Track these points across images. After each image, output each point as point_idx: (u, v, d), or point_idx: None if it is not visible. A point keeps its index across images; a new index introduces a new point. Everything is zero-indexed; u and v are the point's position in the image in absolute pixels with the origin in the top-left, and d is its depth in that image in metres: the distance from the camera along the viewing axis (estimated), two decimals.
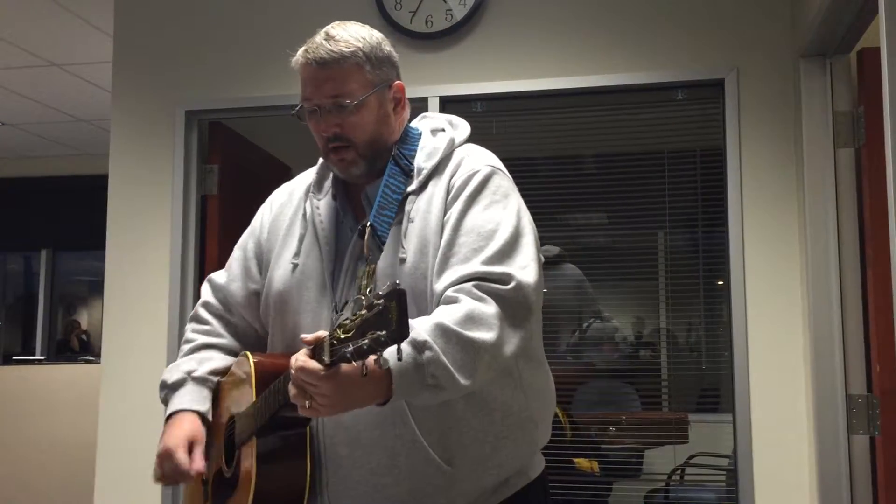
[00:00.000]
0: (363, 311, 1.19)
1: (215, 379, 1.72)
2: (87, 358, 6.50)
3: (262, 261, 1.74)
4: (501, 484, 1.56)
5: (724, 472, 4.30)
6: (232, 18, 3.56)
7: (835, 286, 2.75)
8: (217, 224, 3.59)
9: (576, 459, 3.65)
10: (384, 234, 1.54)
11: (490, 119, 3.41)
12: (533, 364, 1.60)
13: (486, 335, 1.38)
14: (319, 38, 1.59)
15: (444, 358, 1.33)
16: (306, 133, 1.65)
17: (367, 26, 1.65)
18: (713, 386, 5.03)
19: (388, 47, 1.64)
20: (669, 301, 4.37)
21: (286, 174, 4.43)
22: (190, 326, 1.81)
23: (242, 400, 1.59)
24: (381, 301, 1.17)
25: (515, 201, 1.58)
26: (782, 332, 2.99)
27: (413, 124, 1.71)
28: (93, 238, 4.24)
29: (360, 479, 1.51)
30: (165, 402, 1.72)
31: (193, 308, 1.84)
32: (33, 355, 7.34)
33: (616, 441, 3.94)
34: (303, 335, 1.33)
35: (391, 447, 1.49)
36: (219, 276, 1.81)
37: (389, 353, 1.25)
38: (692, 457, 4.71)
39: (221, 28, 3.57)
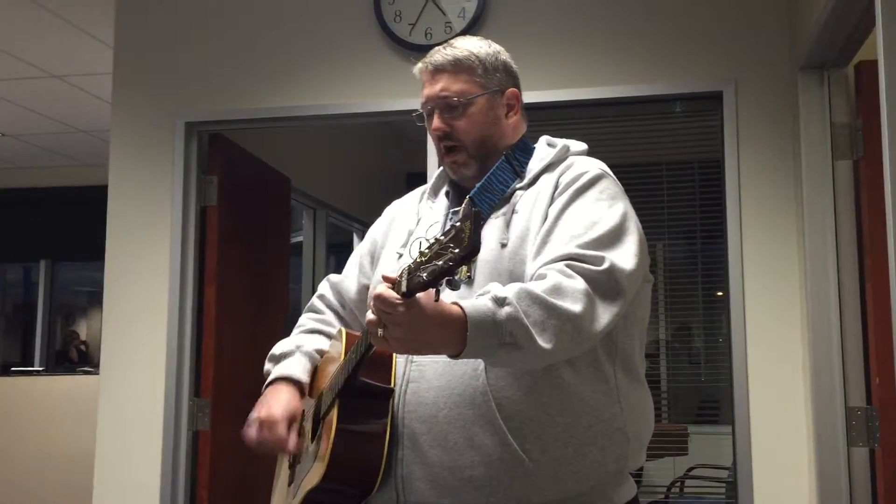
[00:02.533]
0: (441, 237, 1.20)
1: (320, 358, 1.77)
2: (85, 369, 6.49)
3: (376, 257, 1.81)
4: (584, 496, 1.52)
5: (724, 484, 4.29)
6: (232, 30, 3.57)
7: (834, 298, 2.75)
8: (216, 235, 3.59)
9: None
10: (483, 211, 1.58)
11: None
12: (632, 379, 1.59)
13: (571, 306, 1.36)
14: (440, 46, 1.72)
15: (523, 316, 1.32)
16: (305, 145, 1.68)
17: (490, 41, 1.75)
18: (713, 398, 5.03)
19: (505, 57, 1.74)
20: (669, 312, 4.37)
21: (285, 185, 4.44)
22: (304, 316, 1.89)
23: (333, 372, 1.62)
24: (458, 223, 1.19)
25: (623, 205, 1.58)
26: (781, 344, 2.99)
27: (534, 144, 1.76)
28: (92, 249, 4.24)
29: (435, 458, 1.49)
30: (268, 373, 1.76)
31: (309, 300, 1.92)
32: (32, 366, 7.32)
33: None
34: (384, 273, 1.34)
35: (469, 427, 1.47)
36: (336, 276, 1.91)
37: (474, 306, 1.29)
38: (692, 469, 4.70)
39: (222, 40, 3.58)
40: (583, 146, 1.75)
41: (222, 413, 3.51)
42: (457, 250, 1.16)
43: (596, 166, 1.64)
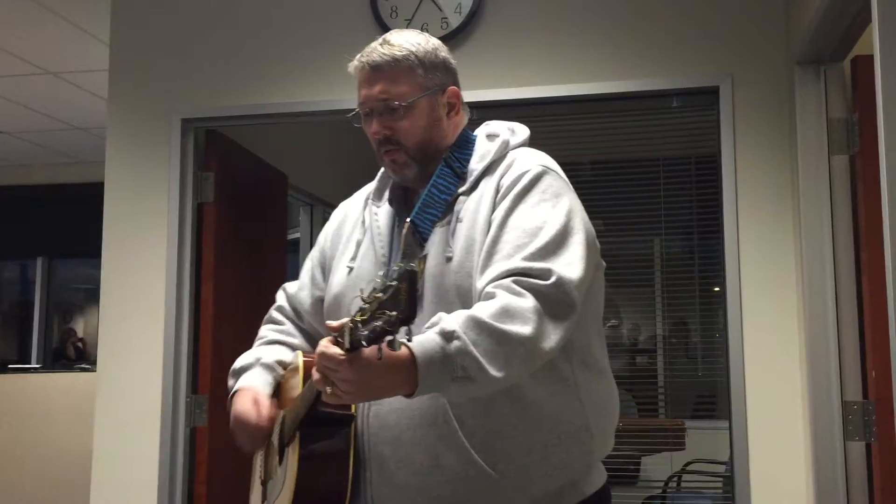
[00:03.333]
0: (379, 294, 1.19)
1: (281, 370, 1.75)
2: (82, 366, 6.48)
3: (326, 268, 1.78)
4: (553, 495, 1.52)
5: (721, 479, 4.30)
6: (228, 27, 3.56)
7: (830, 292, 2.75)
8: (213, 232, 3.58)
9: None
10: (425, 232, 1.55)
11: None
12: (592, 373, 1.58)
13: (521, 328, 1.35)
14: (376, 43, 1.65)
15: (472, 348, 1.31)
16: (302, 141, 1.67)
17: (426, 34, 1.70)
18: (710, 393, 5.03)
19: (444, 53, 1.69)
20: (666, 308, 4.38)
21: (282, 182, 4.44)
22: (264, 327, 1.87)
23: (294, 398, 1.61)
24: (394, 282, 1.18)
25: (567, 201, 1.54)
26: (778, 339, 3.00)
27: (475, 132, 1.72)
28: (89, 246, 4.23)
29: (403, 479, 1.50)
30: (231, 388, 1.76)
31: (267, 312, 1.91)
32: (29, 363, 7.31)
33: (612, 448, 3.93)
34: (328, 321, 1.32)
35: (433, 447, 1.47)
36: (291, 286, 1.88)
37: (421, 345, 1.28)
38: (689, 464, 4.71)
39: (218, 36, 3.57)
40: (524, 134, 1.69)
41: (220, 409, 3.48)
42: (394, 313, 1.16)
43: (536, 162, 1.59)
